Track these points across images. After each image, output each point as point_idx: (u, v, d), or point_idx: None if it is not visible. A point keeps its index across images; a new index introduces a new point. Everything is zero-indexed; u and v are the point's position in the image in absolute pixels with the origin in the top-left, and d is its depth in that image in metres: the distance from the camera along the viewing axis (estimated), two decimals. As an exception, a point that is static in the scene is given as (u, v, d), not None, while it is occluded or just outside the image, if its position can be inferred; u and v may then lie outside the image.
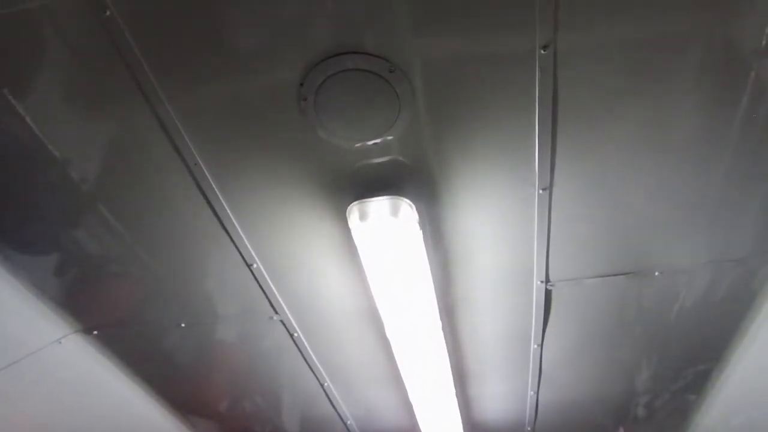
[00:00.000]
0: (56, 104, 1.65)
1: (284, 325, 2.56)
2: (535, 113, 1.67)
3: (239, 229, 2.04)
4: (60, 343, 2.52)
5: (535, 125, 1.71)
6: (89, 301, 2.47)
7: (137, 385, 2.92)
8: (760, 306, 2.39)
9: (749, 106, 1.67)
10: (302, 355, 2.77)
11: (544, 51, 1.51)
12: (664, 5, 1.45)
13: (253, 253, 2.15)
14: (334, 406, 3.26)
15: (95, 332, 2.58)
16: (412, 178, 1.85)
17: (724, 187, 1.93)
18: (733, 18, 1.48)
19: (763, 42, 1.52)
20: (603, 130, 1.74)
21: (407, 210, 1.81)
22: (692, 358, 2.87)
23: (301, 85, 1.57)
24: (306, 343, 2.69)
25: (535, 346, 2.71)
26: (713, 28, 1.50)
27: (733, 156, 1.82)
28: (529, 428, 3.58)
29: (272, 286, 2.31)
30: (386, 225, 1.83)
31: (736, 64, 1.58)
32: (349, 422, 3.46)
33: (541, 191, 1.90)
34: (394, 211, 1.80)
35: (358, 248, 1.96)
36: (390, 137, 1.71)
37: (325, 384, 3.03)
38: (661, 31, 1.50)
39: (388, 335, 2.47)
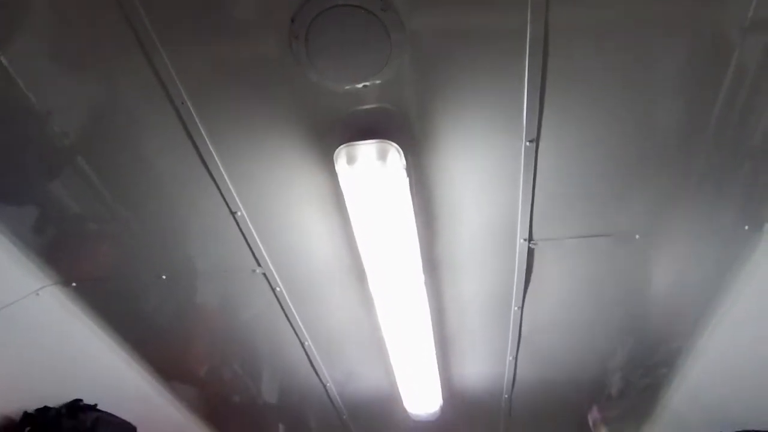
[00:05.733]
0: (37, 46, 1.61)
1: (267, 278, 2.54)
2: (525, 62, 1.68)
3: (224, 174, 2.02)
4: (38, 294, 2.49)
5: (524, 75, 1.71)
6: (69, 252, 2.44)
7: (114, 341, 2.88)
8: (733, 283, 2.40)
9: (734, 78, 1.70)
10: (284, 311, 2.77)
11: (537, -3, 1.51)
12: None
13: (238, 200, 2.13)
14: (314, 367, 3.26)
15: (74, 284, 2.54)
16: (400, 123, 1.84)
17: (709, 156, 1.95)
18: None
19: (747, 21, 1.55)
20: (592, 85, 1.75)
21: (395, 155, 1.81)
22: (667, 333, 2.91)
23: (293, 21, 1.56)
24: (288, 299, 2.68)
25: (516, 308, 2.74)
26: (699, 6, 1.53)
27: (717, 127, 1.85)
28: (506, 396, 3.63)
29: (256, 236, 2.29)
30: (374, 170, 1.82)
31: (720, 44, 1.62)
32: (328, 385, 3.47)
33: (527, 143, 1.91)
34: (382, 156, 1.80)
35: (345, 194, 1.96)
36: (379, 81, 1.70)
37: (306, 343, 3.03)
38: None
39: (371, 289, 2.47)
